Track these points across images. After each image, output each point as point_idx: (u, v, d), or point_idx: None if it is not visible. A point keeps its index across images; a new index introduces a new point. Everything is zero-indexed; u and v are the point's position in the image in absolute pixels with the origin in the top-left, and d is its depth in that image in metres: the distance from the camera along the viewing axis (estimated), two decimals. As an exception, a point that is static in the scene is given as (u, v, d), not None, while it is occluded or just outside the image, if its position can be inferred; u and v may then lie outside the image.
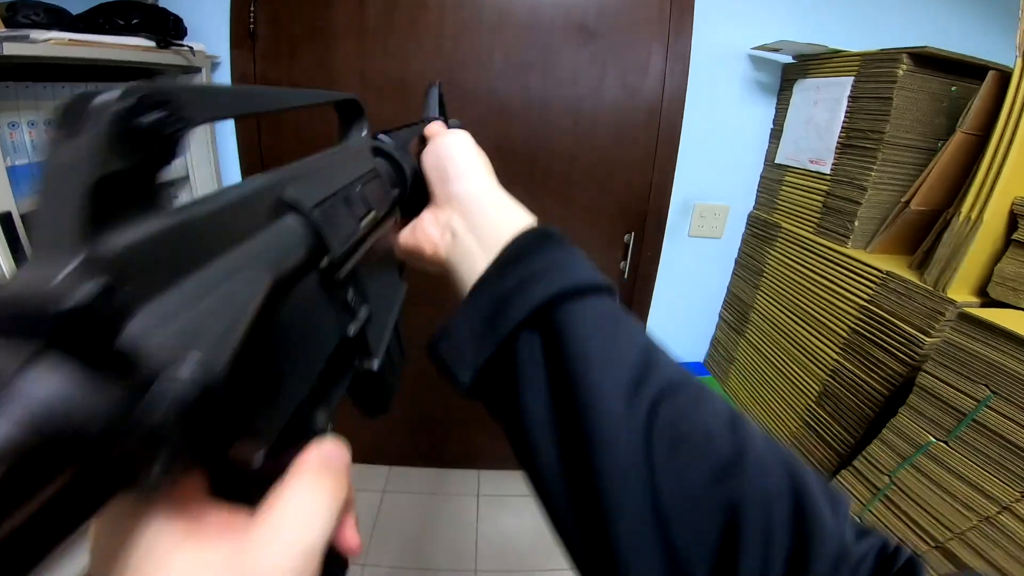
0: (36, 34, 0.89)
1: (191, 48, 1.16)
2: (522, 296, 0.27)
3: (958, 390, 0.84)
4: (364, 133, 0.32)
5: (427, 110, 0.51)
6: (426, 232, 0.36)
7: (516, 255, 0.30)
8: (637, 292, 1.63)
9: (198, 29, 1.22)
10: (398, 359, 0.35)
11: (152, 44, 1.08)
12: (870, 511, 0.99)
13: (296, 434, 0.19)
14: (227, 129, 1.38)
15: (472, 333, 0.28)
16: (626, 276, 1.60)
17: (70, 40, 0.93)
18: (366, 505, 1.83)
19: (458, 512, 1.84)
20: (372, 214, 0.26)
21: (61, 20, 0.95)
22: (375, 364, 0.27)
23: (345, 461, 0.20)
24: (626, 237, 1.55)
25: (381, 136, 0.36)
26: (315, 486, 0.17)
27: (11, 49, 0.84)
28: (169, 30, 1.12)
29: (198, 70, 1.24)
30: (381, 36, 1.31)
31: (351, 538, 0.20)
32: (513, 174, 1.45)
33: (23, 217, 0.89)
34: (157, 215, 0.14)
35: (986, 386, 0.80)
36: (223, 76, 1.32)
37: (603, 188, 1.49)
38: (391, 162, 0.35)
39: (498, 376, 0.28)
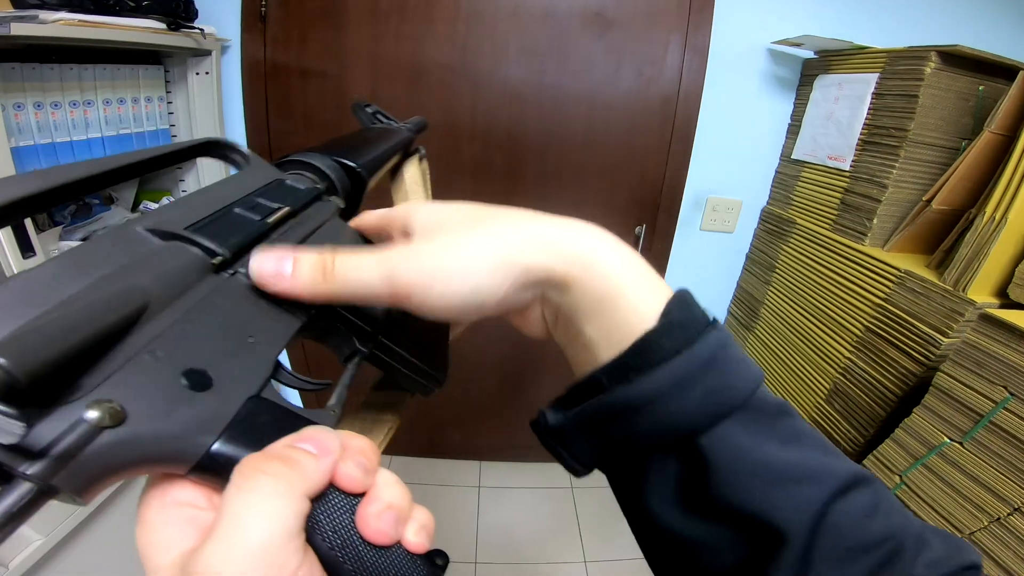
0: (45, 14, 0.87)
1: (202, 31, 1.14)
2: (655, 416, 0.22)
3: (976, 391, 0.83)
4: (250, 157, 0.31)
5: (365, 125, 0.51)
6: (528, 321, 0.29)
7: (650, 358, 0.22)
8: (646, 286, 1.62)
9: (209, 11, 1.20)
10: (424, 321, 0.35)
11: (162, 26, 1.06)
12: (880, 510, 0.99)
13: (270, 422, 0.19)
14: (236, 114, 1.37)
15: (586, 438, 0.25)
16: (636, 269, 1.59)
17: (80, 21, 0.92)
18: (369, 493, 1.84)
19: (459, 503, 1.85)
20: (283, 210, 0.26)
21: (70, 1, 0.93)
22: (374, 335, 0.28)
23: (322, 447, 0.18)
24: (637, 229, 1.54)
25: (292, 153, 0.36)
26: (246, 480, 0.16)
27: (19, 29, 0.82)
28: (180, 12, 1.10)
29: (208, 53, 1.22)
30: (394, 20, 1.28)
31: (366, 530, 0.18)
32: (525, 162, 1.44)
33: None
34: None
35: (1004, 388, 0.80)
36: (233, 59, 1.30)
37: (616, 179, 1.47)
38: (305, 168, 0.34)
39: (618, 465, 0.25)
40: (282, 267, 0.22)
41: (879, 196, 1.11)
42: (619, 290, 0.23)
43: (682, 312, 0.23)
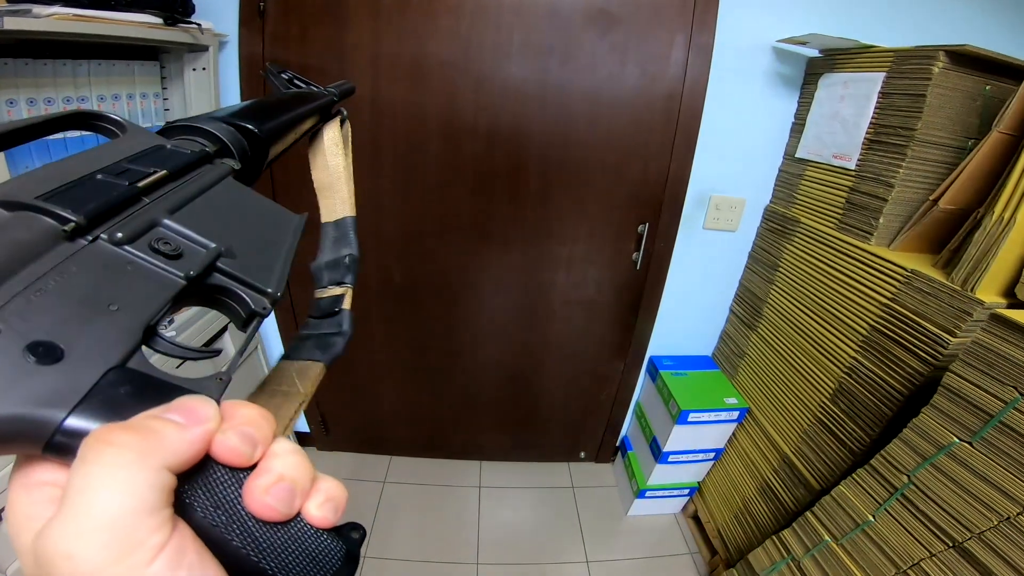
0: (39, 9, 0.84)
1: (199, 26, 1.12)
2: None
3: (985, 391, 0.83)
4: (126, 126, 0.30)
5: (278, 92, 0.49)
6: None
7: None
8: (649, 283, 1.62)
9: (206, 6, 1.17)
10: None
11: (159, 21, 1.04)
12: (886, 510, 0.99)
13: (137, 394, 0.18)
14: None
15: None
16: (639, 266, 1.59)
17: (75, 15, 0.89)
18: (367, 495, 1.83)
19: (459, 503, 1.85)
20: (158, 174, 0.26)
21: (65, -6, 0.90)
22: (271, 291, 0.26)
23: (192, 416, 0.17)
24: (640, 227, 1.53)
25: (180, 119, 0.35)
26: (87, 451, 0.15)
27: (12, 24, 0.80)
28: (177, 6, 1.07)
29: (205, 49, 1.19)
30: (396, 16, 1.26)
31: (252, 505, 0.17)
32: (528, 160, 1.43)
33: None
34: None
35: (1014, 388, 0.80)
36: (231, 55, 1.28)
37: (619, 177, 1.47)
38: (195, 133, 0.33)
39: None
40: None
41: (885, 195, 1.11)
42: None
43: None
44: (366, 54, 1.29)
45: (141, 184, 0.24)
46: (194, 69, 1.22)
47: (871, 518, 1.02)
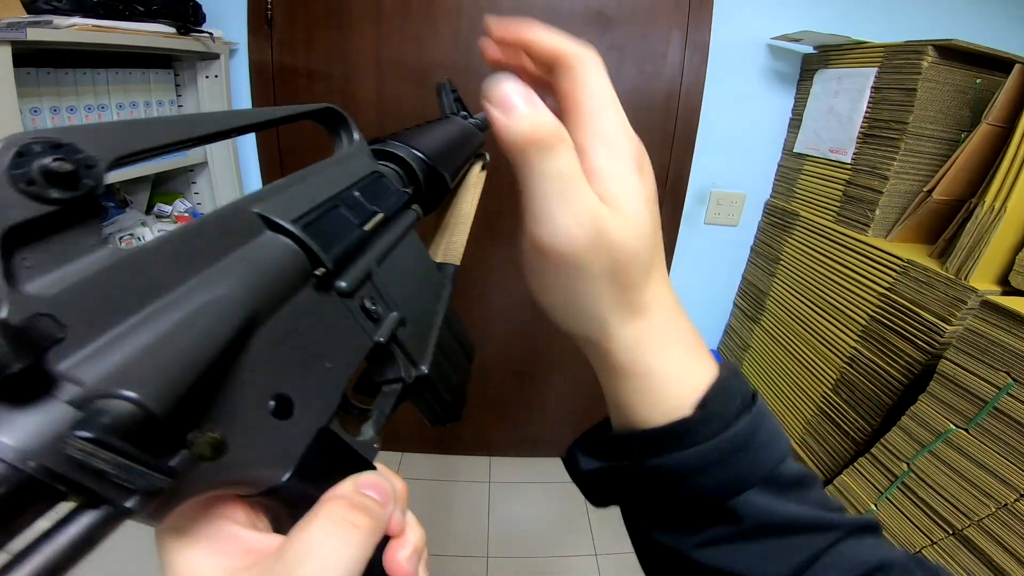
0: (59, 20, 0.89)
1: (210, 34, 1.16)
2: (680, 485, 0.24)
3: (979, 377, 0.84)
4: (356, 137, 0.28)
5: (444, 111, 0.48)
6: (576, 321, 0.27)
7: (684, 441, 0.24)
8: (651, 281, 1.63)
9: (216, 15, 1.22)
10: (458, 358, 0.33)
11: (172, 30, 1.08)
12: (887, 498, 1.00)
13: (332, 456, 0.19)
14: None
15: (614, 489, 0.27)
16: (641, 264, 1.60)
17: (93, 26, 0.93)
18: (379, 491, 1.85)
19: (470, 498, 1.86)
20: (379, 216, 0.25)
21: (82, 6, 0.95)
22: (423, 369, 0.27)
23: (384, 496, 0.19)
24: (641, 225, 1.55)
25: (389, 140, 0.33)
26: (336, 527, 0.17)
27: (35, 35, 0.84)
28: (188, 16, 1.12)
29: (216, 56, 1.24)
30: (398, 21, 1.30)
31: (395, 569, 0.20)
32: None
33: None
34: (95, 255, 0.13)
35: (1007, 373, 0.80)
36: (241, 62, 1.32)
37: (619, 176, 1.48)
38: (397, 162, 0.32)
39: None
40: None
41: (881, 188, 1.13)
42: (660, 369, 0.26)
43: (720, 403, 0.25)
44: (370, 58, 1.33)
45: (368, 228, 0.23)
46: (207, 76, 1.27)
47: (873, 507, 1.03)
